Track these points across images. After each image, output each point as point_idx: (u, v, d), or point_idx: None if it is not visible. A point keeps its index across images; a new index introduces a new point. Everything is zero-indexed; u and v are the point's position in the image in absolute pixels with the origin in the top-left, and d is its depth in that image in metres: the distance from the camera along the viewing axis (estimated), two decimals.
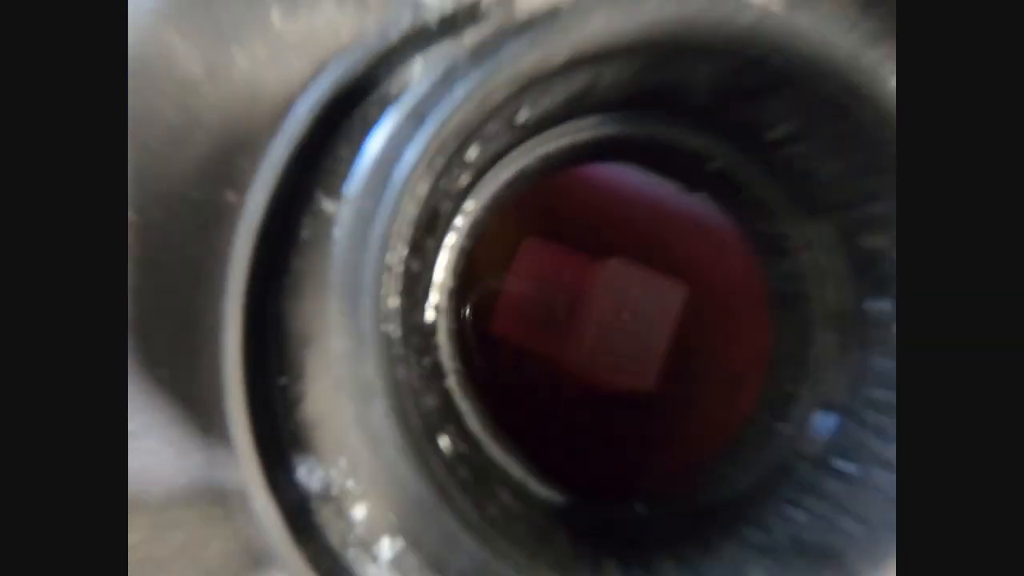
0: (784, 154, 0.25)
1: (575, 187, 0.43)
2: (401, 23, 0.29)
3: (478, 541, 0.19)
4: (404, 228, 0.20)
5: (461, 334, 0.30)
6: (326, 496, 0.28)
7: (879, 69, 0.21)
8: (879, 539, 0.18)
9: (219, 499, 0.28)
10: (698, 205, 0.36)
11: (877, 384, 0.23)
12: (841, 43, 0.20)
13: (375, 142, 0.20)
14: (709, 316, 0.43)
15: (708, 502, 0.25)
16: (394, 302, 0.20)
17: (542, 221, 0.44)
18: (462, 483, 0.21)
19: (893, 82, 0.21)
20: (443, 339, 0.26)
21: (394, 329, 0.20)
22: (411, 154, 0.20)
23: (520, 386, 0.42)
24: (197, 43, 0.29)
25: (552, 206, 0.43)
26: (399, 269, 0.20)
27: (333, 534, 0.28)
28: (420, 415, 0.21)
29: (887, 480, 0.20)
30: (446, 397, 0.25)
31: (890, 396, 0.22)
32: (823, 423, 0.24)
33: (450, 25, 0.29)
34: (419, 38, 0.29)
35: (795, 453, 0.24)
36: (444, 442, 0.22)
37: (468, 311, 0.42)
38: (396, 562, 0.28)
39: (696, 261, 0.43)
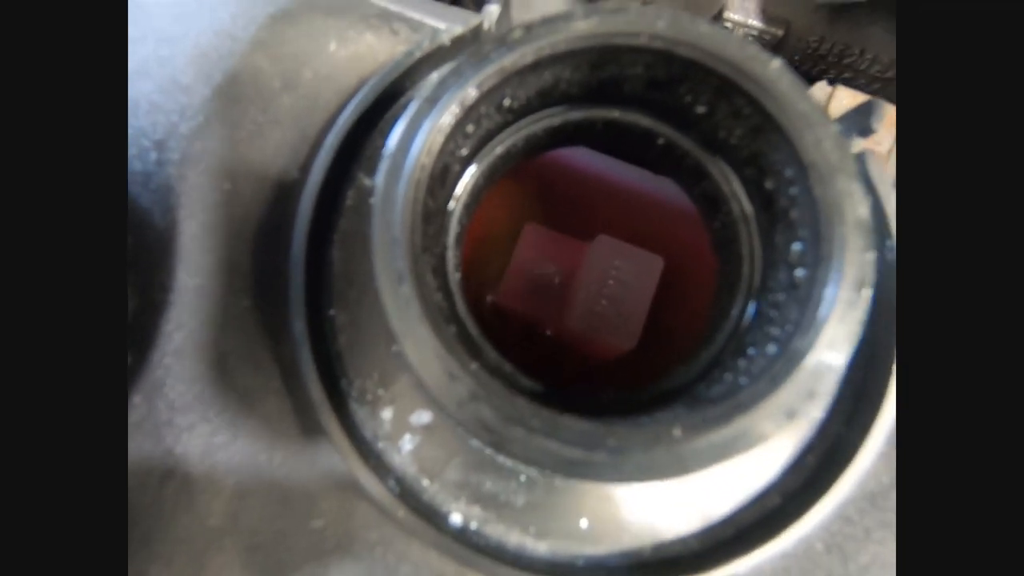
0: (706, 125, 0.33)
1: (566, 179, 0.50)
2: (423, 47, 0.38)
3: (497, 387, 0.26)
4: (424, 173, 0.28)
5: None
6: (362, 400, 0.36)
7: (759, 55, 0.29)
8: (759, 389, 0.25)
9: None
10: (668, 188, 0.43)
11: (777, 290, 0.30)
12: (726, 39, 0.29)
13: (403, 120, 0.29)
14: (681, 283, 0.49)
15: (657, 392, 0.32)
16: (417, 226, 0.28)
17: (539, 209, 0.51)
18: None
19: (773, 64, 0.29)
20: (451, 269, 0.34)
21: (416, 241, 0.27)
22: (429, 122, 0.28)
23: (519, 344, 0.48)
24: (277, 64, 0.39)
25: (547, 196, 0.51)
26: (420, 204, 0.28)
27: (367, 430, 0.36)
28: (434, 303, 0.28)
29: (772, 350, 0.27)
30: (451, 298, 0.32)
31: (782, 297, 0.29)
32: (747, 313, 0.32)
33: (460, 44, 0.38)
34: (436, 56, 0.38)
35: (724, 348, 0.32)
36: (450, 329, 0.29)
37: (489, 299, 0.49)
38: (415, 453, 0.36)
39: (669, 237, 0.49)
